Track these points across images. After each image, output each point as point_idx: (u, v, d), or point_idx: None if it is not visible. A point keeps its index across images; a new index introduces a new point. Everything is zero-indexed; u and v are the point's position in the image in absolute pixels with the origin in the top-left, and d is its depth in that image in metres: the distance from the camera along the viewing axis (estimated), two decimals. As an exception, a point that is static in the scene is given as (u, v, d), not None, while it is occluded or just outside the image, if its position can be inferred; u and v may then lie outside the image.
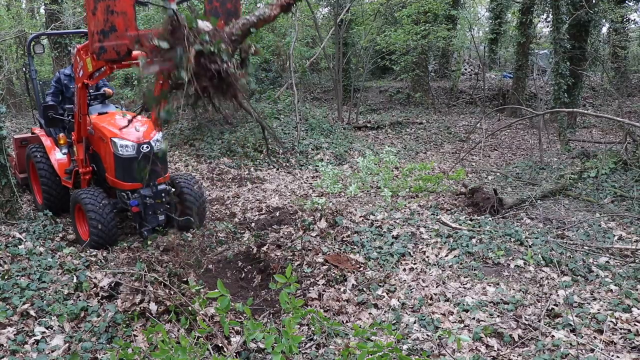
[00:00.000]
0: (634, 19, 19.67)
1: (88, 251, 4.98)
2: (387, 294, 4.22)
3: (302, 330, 3.66)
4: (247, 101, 3.49)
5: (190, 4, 3.60)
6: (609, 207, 6.42)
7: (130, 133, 5.13)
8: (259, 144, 10.53)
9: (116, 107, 6.24)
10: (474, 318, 3.81)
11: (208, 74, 2.91)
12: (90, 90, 5.12)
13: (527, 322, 3.73)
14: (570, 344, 3.39)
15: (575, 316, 3.74)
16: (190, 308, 3.64)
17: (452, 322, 3.79)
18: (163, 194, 5.23)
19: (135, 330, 3.56)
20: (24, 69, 7.26)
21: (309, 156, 10.59)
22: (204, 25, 3.01)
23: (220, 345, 3.39)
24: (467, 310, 3.91)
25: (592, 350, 3.35)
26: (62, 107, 6.00)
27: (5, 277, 4.14)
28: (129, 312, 3.70)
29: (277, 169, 9.87)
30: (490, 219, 5.87)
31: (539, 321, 3.73)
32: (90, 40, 3.49)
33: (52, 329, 3.64)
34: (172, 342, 2.86)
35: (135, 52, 3.41)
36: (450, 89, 19.18)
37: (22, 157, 6.87)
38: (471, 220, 5.83)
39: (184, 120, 11.21)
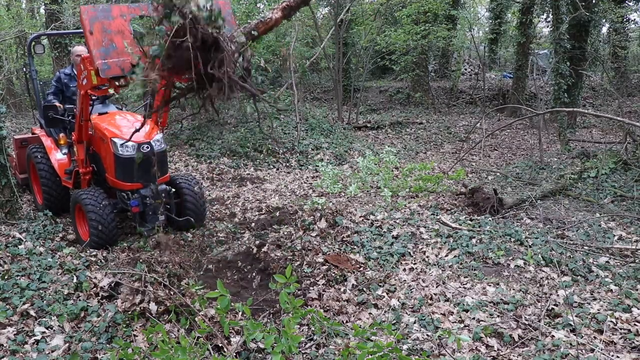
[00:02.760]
0: (634, 19, 19.69)
1: (88, 251, 4.98)
2: (387, 294, 4.22)
3: (302, 330, 3.66)
4: (246, 86, 3.43)
5: None
6: (609, 207, 6.42)
7: (130, 133, 5.13)
8: (259, 144, 10.53)
9: (116, 107, 6.24)
10: (474, 318, 3.81)
11: (200, 43, 2.83)
12: (93, 97, 5.13)
13: (527, 322, 3.73)
14: (570, 344, 3.39)
15: (575, 316, 3.74)
16: (190, 308, 3.64)
17: (452, 322, 3.79)
18: (163, 194, 5.23)
19: (135, 330, 3.56)
20: (24, 69, 7.25)
21: (309, 156, 10.60)
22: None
23: (220, 345, 3.39)
24: (467, 310, 3.91)
25: (592, 350, 3.35)
26: (62, 106, 6.00)
27: (5, 277, 4.14)
28: (129, 312, 3.70)
29: (277, 169, 9.88)
30: (490, 219, 5.87)
31: (539, 321, 3.73)
32: (91, 59, 3.49)
33: (52, 329, 3.64)
34: (172, 342, 2.86)
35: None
36: (450, 89, 19.18)
37: (22, 157, 6.87)
38: (471, 220, 5.83)
39: (184, 121, 11.21)
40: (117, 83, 3.80)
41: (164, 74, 2.92)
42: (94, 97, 5.25)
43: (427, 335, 3.60)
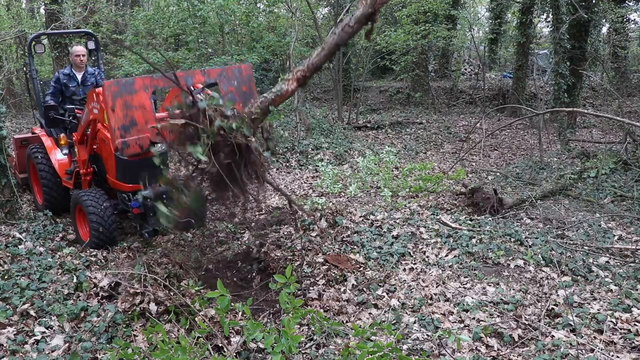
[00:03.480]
0: (634, 19, 19.68)
1: (88, 251, 4.98)
2: (387, 294, 4.22)
3: (302, 330, 3.66)
4: (269, 175, 3.59)
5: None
6: (609, 207, 6.42)
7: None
8: (259, 144, 10.50)
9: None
10: (474, 318, 3.81)
11: (229, 149, 2.94)
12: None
13: (527, 322, 3.73)
14: (570, 344, 3.39)
15: (575, 316, 3.74)
16: (190, 308, 3.64)
17: (452, 322, 3.79)
18: (164, 196, 5.23)
19: (135, 330, 3.56)
20: (24, 68, 7.27)
21: (309, 156, 10.59)
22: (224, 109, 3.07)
23: (220, 345, 3.39)
24: (467, 310, 3.91)
25: (592, 350, 3.35)
26: (62, 107, 6.00)
27: (5, 277, 4.14)
28: (129, 312, 3.70)
29: (277, 169, 9.87)
30: (490, 219, 5.87)
31: (539, 321, 3.73)
32: (112, 136, 3.51)
33: (52, 329, 3.64)
34: (172, 342, 2.86)
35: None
36: (450, 89, 19.17)
37: (22, 157, 6.86)
38: (471, 220, 5.83)
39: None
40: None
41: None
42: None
43: (427, 335, 3.60)
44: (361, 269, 4.61)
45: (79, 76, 6.18)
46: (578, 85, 12.91)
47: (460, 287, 4.30)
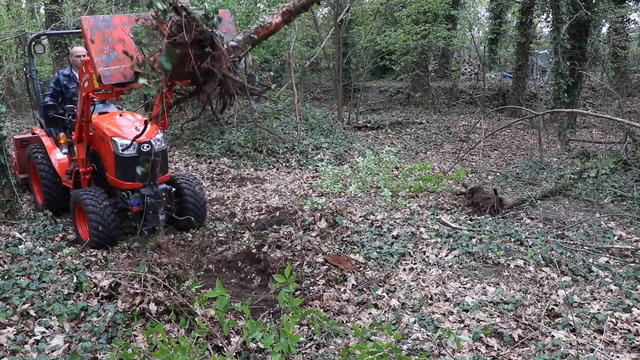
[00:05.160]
0: (634, 19, 19.69)
1: (88, 251, 4.98)
2: (387, 294, 4.22)
3: (302, 330, 3.66)
4: (245, 95, 3.49)
5: None
6: (609, 207, 6.42)
7: (130, 132, 5.13)
8: (259, 144, 10.52)
9: (117, 107, 6.24)
10: (474, 318, 3.81)
11: (190, 37, 2.87)
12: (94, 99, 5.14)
13: (527, 322, 3.73)
14: (570, 344, 3.39)
15: (575, 316, 3.74)
16: (189, 308, 3.64)
17: (452, 322, 3.79)
18: (164, 194, 5.23)
19: (135, 330, 3.56)
20: (24, 68, 7.26)
21: (309, 156, 10.59)
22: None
23: (220, 345, 3.39)
24: (467, 310, 3.91)
25: (592, 350, 3.35)
26: (62, 107, 6.00)
27: (5, 277, 4.14)
28: (129, 312, 3.70)
29: (277, 169, 9.87)
30: (490, 219, 5.87)
31: (539, 321, 3.73)
32: (93, 66, 3.50)
33: (52, 329, 3.64)
34: (172, 342, 2.86)
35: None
36: (450, 89, 19.18)
37: (22, 157, 6.86)
38: (471, 220, 5.83)
39: (183, 120, 11.21)
40: (118, 89, 3.83)
41: (166, 78, 2.97)
42: (95, 100, 5.26)
43: (427, 335, 3.60)
44: (361, 269, 4.61)
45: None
46: (578, 85, 12.92)
47: (460, 287, 4.30)
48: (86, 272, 4.37)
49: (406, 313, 3.92)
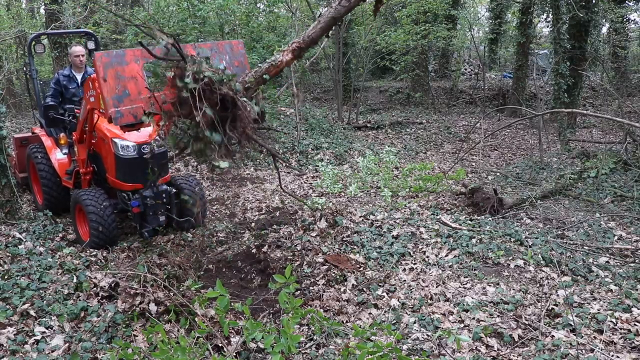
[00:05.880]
0: (634, 19, 19.67)
1: (88, 251, 4.98)
2: (387, 294, 4.22)
3: (302, 330, 3.66)
4: (259, 136, 3.59)
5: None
6: (609, 207, 6.42)
7: (131, 134, 5.13)
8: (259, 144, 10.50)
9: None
10: (474, 318, 3.81)
11: (214, 101, 2.94)
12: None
13: (527, 322, 3.73)
14: (570, 344, 3.39)
15: (575, 316, 3.74)
16: (189, 308, 3.64)
17: (452, 322, 3.79)
18: (164, 195, 5.23)
19: (135, 330, 3.56)
20: (24, 68, 7.25)
21: (309, 156, 10.59)
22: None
23: (220, 345, 3.39)
24: (467, 310, 3.91)
25: (592, 350, 3.35)
26: (63, 107, 6.00)
27: (5, 277, 4.14)
28: (129, 312, 3.70)
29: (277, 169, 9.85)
30: (490, 219, 5.87)
31: (539, 321, 3.73)
32: (105, 106, 3.50)
33: (52, 329, 3.64)
34: (172, 342, 2.86)
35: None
36: (450, 89, 19.17)
37: (22, 157, 6.86)
38: (471, 220, 5.83)
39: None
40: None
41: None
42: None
43: (427, 335, 3.60)
44: (361, 269, 4.61)
45: (79, 77, 6.18)
46: (578, 85, 12.92)
47: (460, 287, 4.30)
48: (86, 272, 4.37)
49: (406, 313, 3.92)
